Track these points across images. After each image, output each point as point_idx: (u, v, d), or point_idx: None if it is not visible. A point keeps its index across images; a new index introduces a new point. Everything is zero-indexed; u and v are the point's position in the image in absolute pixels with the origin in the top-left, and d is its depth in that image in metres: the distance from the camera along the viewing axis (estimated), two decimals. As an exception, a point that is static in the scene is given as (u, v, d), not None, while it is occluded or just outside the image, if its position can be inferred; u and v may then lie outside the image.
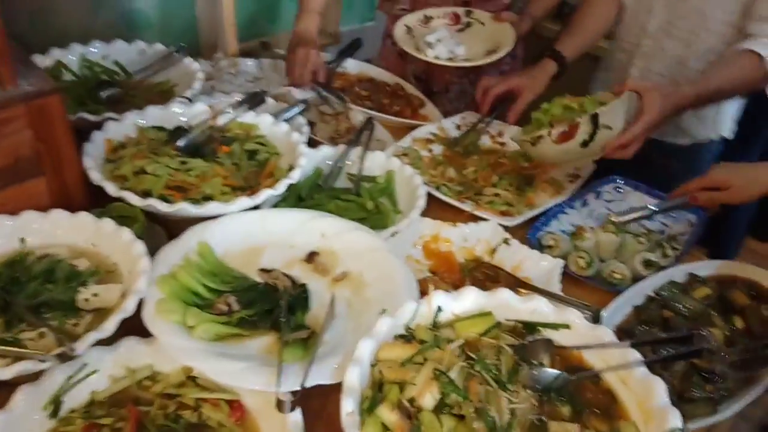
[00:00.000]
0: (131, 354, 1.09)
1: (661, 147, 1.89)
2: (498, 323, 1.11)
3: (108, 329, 1.04)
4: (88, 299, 1.13)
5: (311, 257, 1.32)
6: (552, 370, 1.03)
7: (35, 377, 1.01)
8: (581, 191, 1.70)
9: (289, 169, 1.44)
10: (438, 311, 1.10)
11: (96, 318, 1.12)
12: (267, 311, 1.18)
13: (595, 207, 1.67)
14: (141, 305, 1.10)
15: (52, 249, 1.24)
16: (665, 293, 1.36)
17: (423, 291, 1.23)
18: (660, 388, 0.99)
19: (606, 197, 1.71)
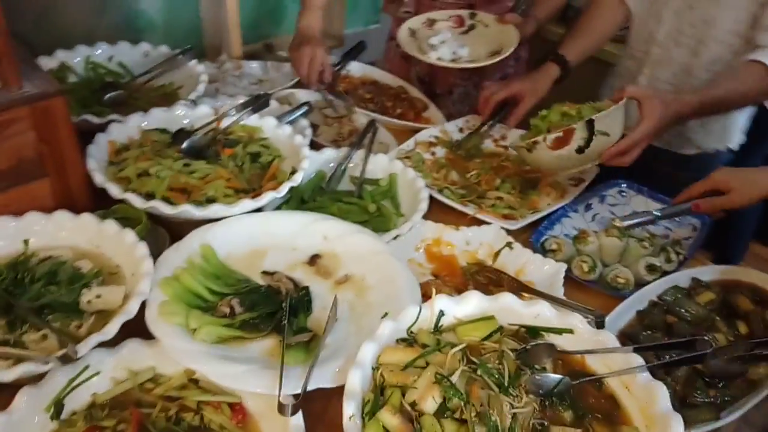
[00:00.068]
0: (133, 356, 1.09)
1: (668, 157, 1.88)
2: (500, 327, 1.10)
3: (110, 331, 1.04)
4: (90, 301, 1.13)
5: (314, 260, 1.32)
6: (554, 374, 1.03)
7: (37, 379, 1.01)
8: (585, 195, 1.69)
9: (292, 172, 1.44)
10: (440, 315, 1.10)
11: (98, 320, 1.12)
12: (269, 314, 1.18)
13: (599, 211, 1.67)
14: (144, 307, 1.10)
15: (55, 251, 1.24)
16: (669, 298, 1.36)
17: (425, 294, 1.23)
18: (663, 393, 0.99)
19: (610, 201, 1.70)
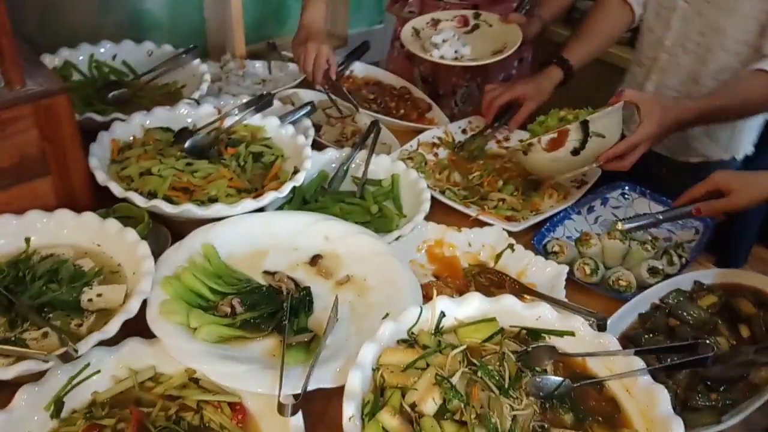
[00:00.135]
0: (134, 355, 1.09)
1: (672, 164, 1.87)
2: (501, 329, 1.10)
3: (111, 330, 1.05)
4: (91, 300, 1.14)
5: (315, 260, 1.32)
6: (555, 377, 1.03)
7: (37, 377, 1.01)
8: (587, 197, 1.68)
9: (294, 172, 1.44)
10: (441, 316, 1.10)
11: (99, 318, 1.12)
12: (270, 314, 1.18)
13: (602, 213, 1.67)
14: (144, 306, 1.10)
15: (56, 249, 1.24)
16: (671, 301, 1.35)
17: (426, 296, 1.23)
18: (663, 396, 0.99)
19: (612, 204, 1.70)
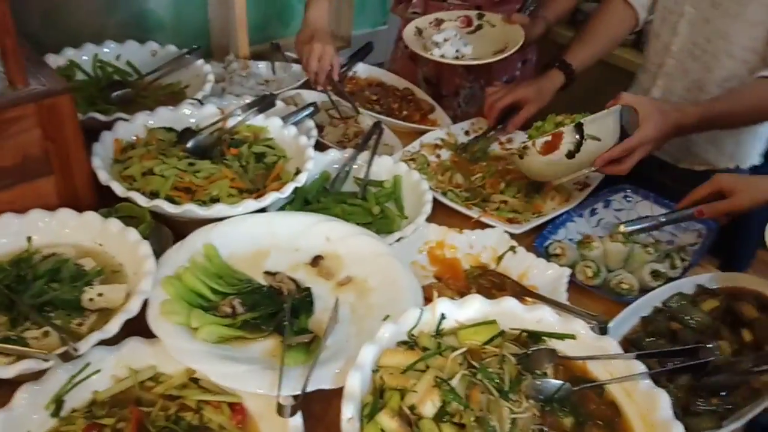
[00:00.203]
0: (134, 355, 1.09)
1: (677, 172, 1.86)
2: (502, 332, 1.10)
3: (111, 329, 1.05)
4: (92, 299, 1.14)
5: (316, 261, 1.32)
6: (555, 380, 1.03)
7: (38, 376, 1.01)
8: (590, 200, 1.68)
9: (297, 173, 1.44)
10: (441, 318, 1.10)
11: (100, 318, 1.12)
12: (271, 314, 1.18)
13: (604, 216, 1.66)
14: (145, 306, 1.11)
15: (58, 248, 1.24)
16: (673, 305, 1.34)
17: (427, 297, 1.22)
18: (664, 400, 0.98)
19: (615, 206, 1.69)
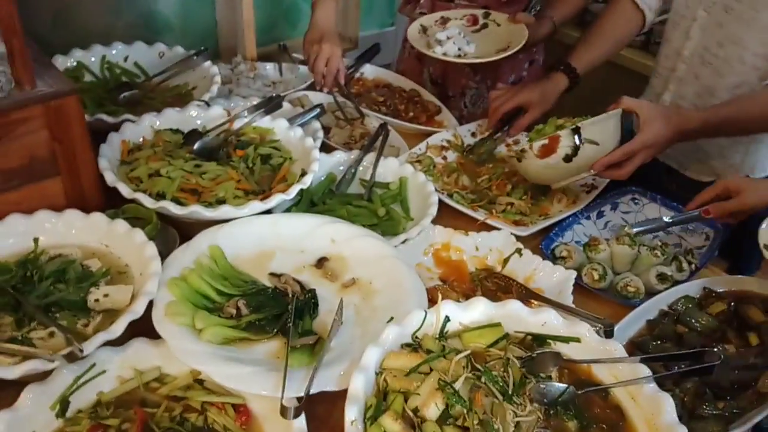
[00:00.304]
0: (139, 355, 1.10)
1: (683, 180, 1.85)
2: (506, 335, 1.09)
3: (117, 330, 1.05)
4: (98, 300, 1.14)
5: (321, 262, 1.32)
6: (559, 383, 1.02)
7: (43, 376, 1.02)
8: (597, 202, 1.67)
9: (302, 174, 1.44)
10: (446, 321, 1.09)
11: (106, 319, 1.13)
12: (275, 316, 1.18)
13: (611, 218, 1.65)
14: (151, 307, 1.11)
15: (64, 249, 1.25)
16: (679, 308, 1.34)
17: (432, 299, 1.22)
18: (669, 405, 0.98)
19: (622, 209, 1.69)
